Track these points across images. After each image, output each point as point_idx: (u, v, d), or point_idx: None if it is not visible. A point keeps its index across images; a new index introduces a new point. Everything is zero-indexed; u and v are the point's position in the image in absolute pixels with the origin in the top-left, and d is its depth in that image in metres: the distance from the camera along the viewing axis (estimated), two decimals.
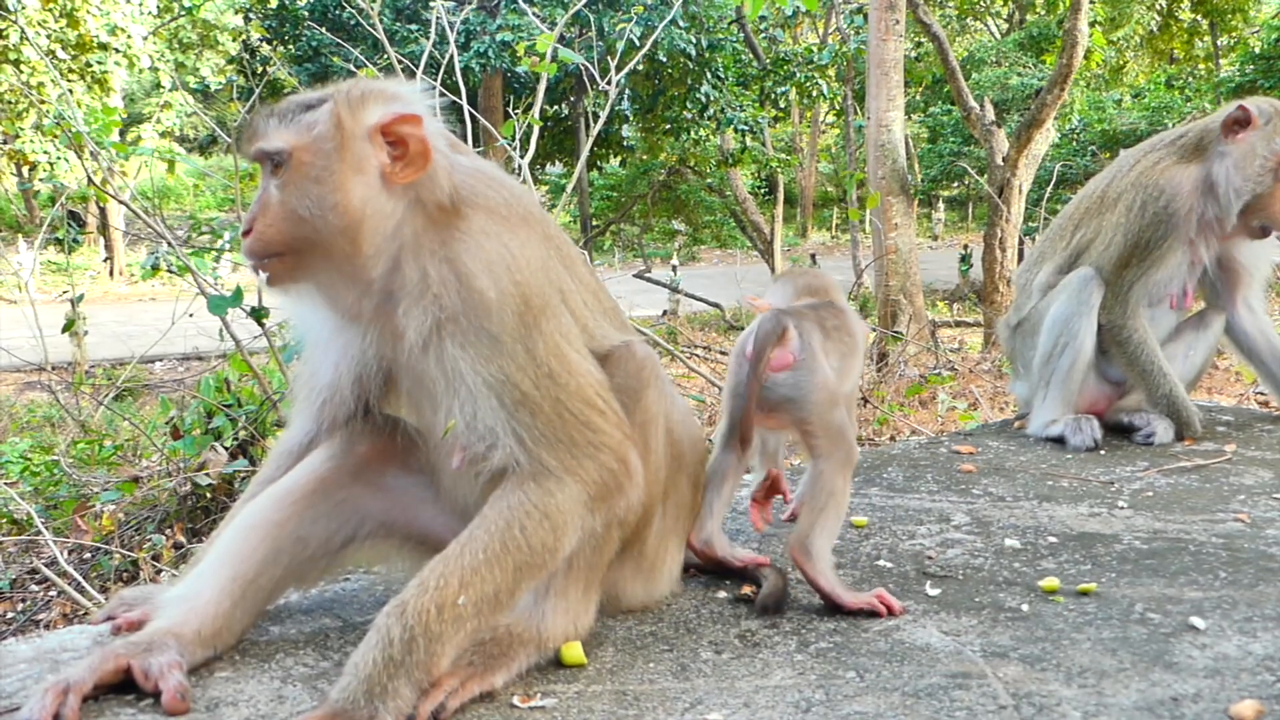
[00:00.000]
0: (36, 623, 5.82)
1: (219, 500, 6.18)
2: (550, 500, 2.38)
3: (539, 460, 2.39)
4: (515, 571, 2.33)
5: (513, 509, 2.36)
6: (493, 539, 2.33)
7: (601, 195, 31.05)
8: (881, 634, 2.70)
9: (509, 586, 2.33)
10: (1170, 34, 35.68)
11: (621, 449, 2.49)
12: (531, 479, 2.39)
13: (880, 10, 15.86)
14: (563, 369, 2.44)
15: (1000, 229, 16.85)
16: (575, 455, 2.41)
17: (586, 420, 2.44)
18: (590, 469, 2.43)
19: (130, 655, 2.31)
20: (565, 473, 2.40)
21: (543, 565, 2.39)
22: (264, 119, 2.43)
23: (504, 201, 2.51)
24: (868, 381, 10.60)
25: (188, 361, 17.99)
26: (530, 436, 2.38)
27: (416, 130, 2.39)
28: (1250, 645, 2.61)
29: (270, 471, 2.77)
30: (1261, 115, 4.75)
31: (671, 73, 24.20)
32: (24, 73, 26.36)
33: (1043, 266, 5.20)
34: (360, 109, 2.41)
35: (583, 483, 2.42)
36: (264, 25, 25.36)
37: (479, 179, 2.53)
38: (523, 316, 2.39)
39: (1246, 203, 4.75)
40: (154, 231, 7.27)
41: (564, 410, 2.41)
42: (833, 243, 46.92)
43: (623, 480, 2.50)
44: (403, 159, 2.40)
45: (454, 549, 2.32)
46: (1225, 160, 4.77)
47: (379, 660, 2.18)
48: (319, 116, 2.40)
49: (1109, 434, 4.80)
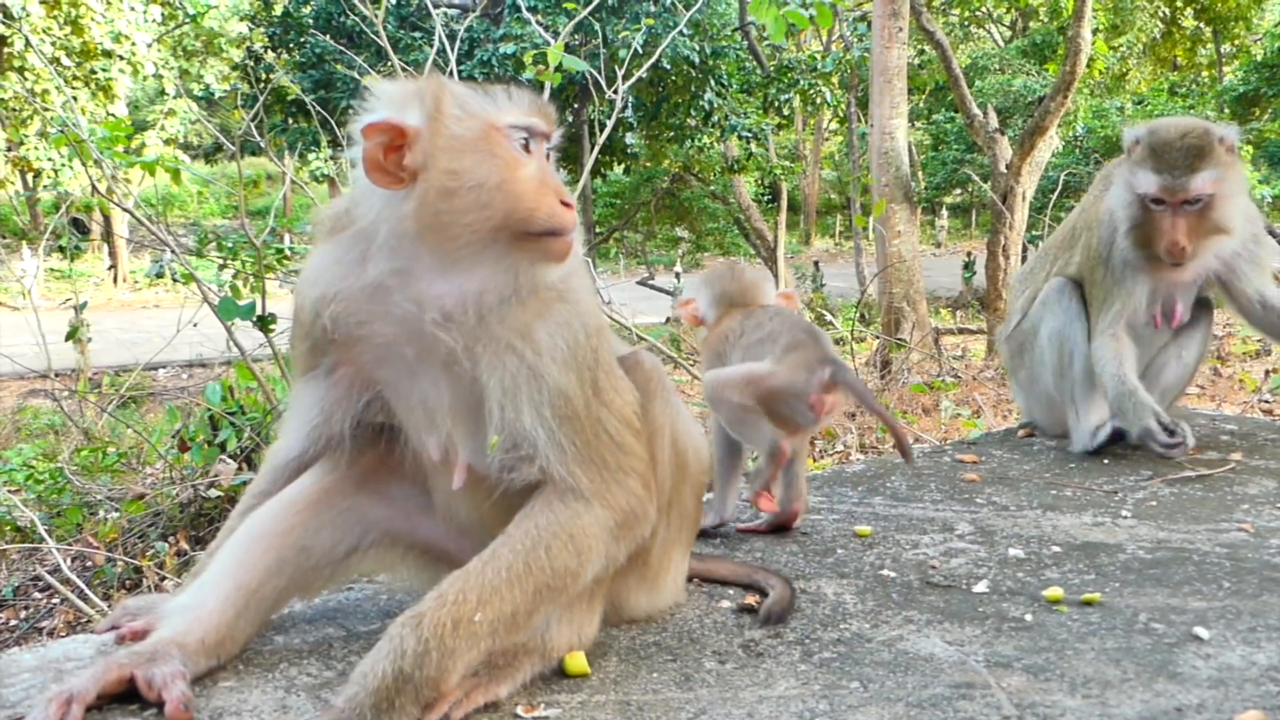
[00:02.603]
0: (40, 630, 5.83)
1: (223, 508, 6.18)
2: (577, 523, 2.37)
3: (573, 477, 2.38)
4: (535, 594, 2.32)
5: (540, 529, 2.35)
6: (516, 558, 2.31)
7: (605, 202, 31.12)
8: (885, 644, 2.69)
9: (527, 608, 2.32)
10: (1173, 41, 35.69)
11: (648, 475, 2.51)
12: (560, 499, 2.38)
13: (884, 17, 15.89)
14: (611, 387, 2.46)
15: (1004, 236, 16.87)
16: (605, 480, 2.41)
17: (622, 443, 2.45)
18: (619, 495, 2.43)
19: (134, 665, 2.30)
20: (594, 496, 2.40)
21: (563, 589, 2.38)
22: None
23: None
24: (871, 389, 10.60)
25: (191, 369, 18.01)
26: (571, 453, 2.38)
27: None
28: (1254, 655, 2.60)
29: (264, 484, 2.75)
30: (1129, 140, 4.60)
31: (675, 80, 24.25)
32: (28, 80, 26.44)
33: (1028, 287, 5.16)
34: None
35: (610, 509, 2.42)
36: (268, 33, 25.43)
37: None
38: (589, 329, 2.42)
39: (1133, 234, 4.55)
40: (158, 239, 7.29)
41: (602, 430, 2.42)
42: (836, 249, 46.95)
43: (648, 507, 2.51)
44: None
45: (476, 564, 2.31)
46: (1112, 190, 4.69)
47: (389, 672, 2.16)
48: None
49: (1112, 442, 4.78)
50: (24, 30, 22.13)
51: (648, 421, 2.61)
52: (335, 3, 22.64)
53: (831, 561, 3.33)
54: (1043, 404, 5.05)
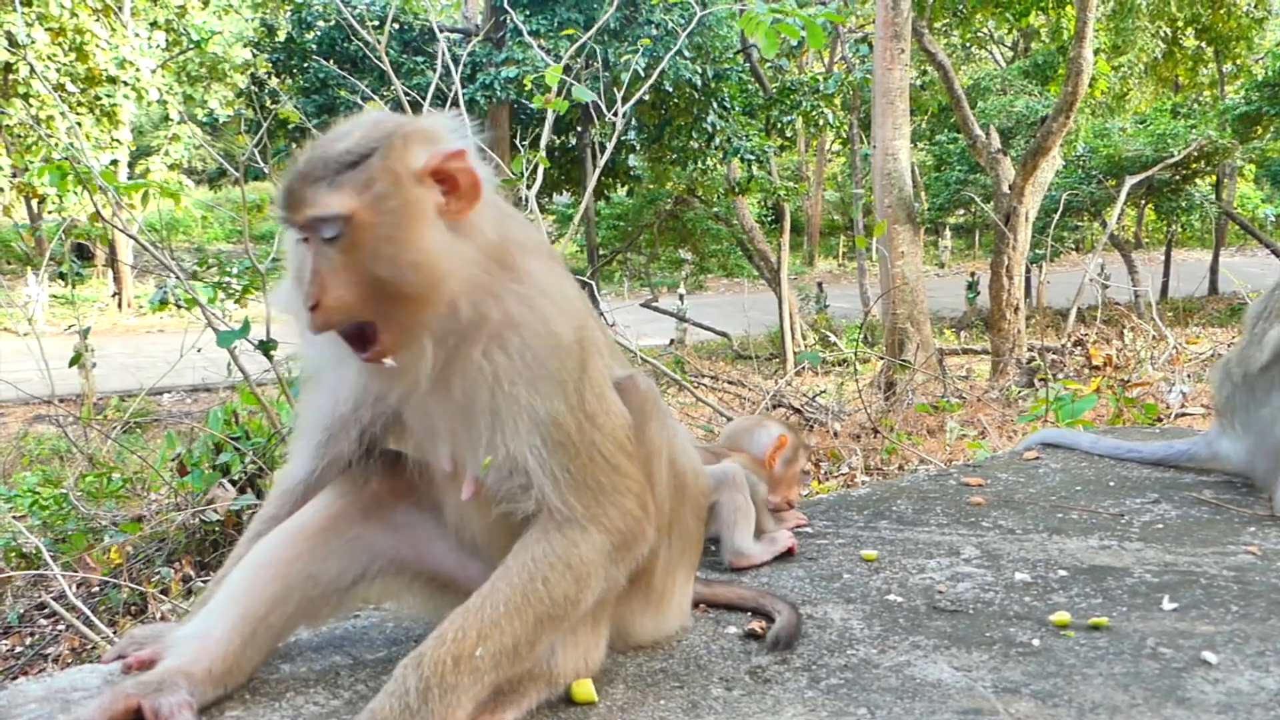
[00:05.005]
0: (45, 657, 5.82)
1: (227, 534, 6.18)
2: (574, 551, 2.37)
3: (567, 506, 2.38)
4: (536, 624, 2.33)
5: (536, 561, 2.35)
6: (514, 591, 2.32)
7: (608, 225, 31.11)
8: (893, 670, 2.69)
9: (529, 639, 2.33)
10: (1174, 61, 35.71)
11: (644, 494, 2.50)
12: (556, 529, 2.38)
13: (885, 39, 15.96)
14: (602, 410, 2.45)
15: (1007, 257, 16.88)
16: (600, 502, 2.41)
17: (616, 464, 2.45)
18: (615, 517, 2.43)
19: (141, 695, 2.30)
20: (590, 521, 2.40)
21: (564, 618, 2.39)
22: (305, 184, 2.28)
23: (533, 238, 2.53)
24: (875, 410, 10.60)
25: (196, 393, 18.04)
26: (564, 479, 2.38)
27: (465, 164, 2.33)
28: (1263, 680, 2.59)
29: (272, 509, 2.76)
30: None
31: (678, 102, 24.29)
32: (33, 106, 26.52)
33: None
34: (406, 153, 2.31)
35: (607, 532, 2.42)
36: (271, 58, 25.46)
37: (502, 214, 2.51)
38: (581, 358, 2.41)
39: None
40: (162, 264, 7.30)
41: (596, 454, 2.42)
42: (840, 271, 47.00)
43: (645, 526, 2.50)
44: (454, 195, 2.33)
45: (475, 600, 2.32)
46: None
47: (395, 708, 2.19)
48: (373, 173, 2.27)
49: (1118, 465, 4.77)
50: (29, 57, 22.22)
51: (644, 443, 2.60)
52: (339, 28, 22.69)
53: (838, 586, 3.33)
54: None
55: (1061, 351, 13.23)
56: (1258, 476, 4.42)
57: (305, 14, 24.28)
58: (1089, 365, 12.17)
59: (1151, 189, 29.20)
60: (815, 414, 10.63)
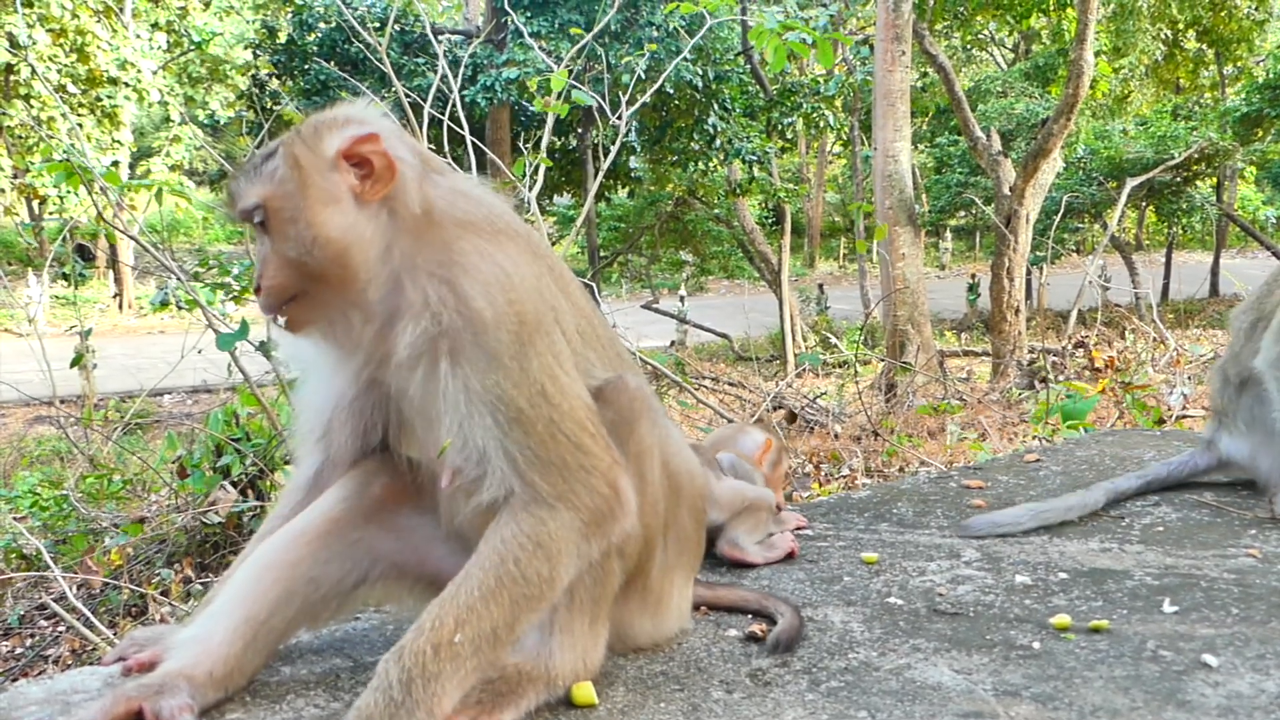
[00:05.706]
0: (45, 658, 5.82)
1: (228, 536, 6.18)
2: (543, 529, 2.37)
3: (531, 486, 2.38)
4: (512, 605, 2.33)
5: (505, 542, 2.35)
6: (487, 575, 2.33)
7: (609, 226, 31.13)
8: (893, 672, 2.69)
9: (507, 621, 2.33)
10: (1175, 63, 35.73)
11: (611, 473, 2.47)
12: (524, 509, 2.38)
13: (886, 41, 15.97)
14: (555, 389, 2.43)
15: (1007, 259, 16.89)
16: (567, 479, 2.40)
17: (578, 442, 2.43)
18: (582, 494, 2.41)
19: (142, 698, 2.31)
20: (557, 499, 2.39)
21: (540, 597, 2.38)
22: (235, 182, 2.52)
23: (485, 217, 2.52)
24: (876, 412, 10.60)
25: (197, 394, 18.05)
26: (523, 458, 2.37)
27: (376, 147, 2.44)
28: (1263, 683, 2.59)
29: (283, 509, 2.77)
30: None
31: (679, 104, 24.31)
32: (34, 107, 26.55)
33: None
34: (317, 141, 2.46)
35: (575, 509, 2.40)
36: (272, 60, 25.49)
37: (457, 196, 2.54)
38: (518, 334, 2.39)
39: None
40: (163, 265, 7.30)
41: (556, 431, 2.40)
42: (840, 272, 47.03)
43: (614, 506, 2.48)
44: (370, 177, 2.44)
45: (450, 589, 2.33)
46: None
47: (380, 702, 2.20)
48: (279, 161, 2.45)
49: (1118, 466, 4.76)
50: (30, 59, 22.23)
51: (635, 442, 2.59)
52: (340, 30, 22.72)
53: (838, 589, 3.33)
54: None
55: (1062, 353, 13.24)
56: (1261, 475, 4.36)
57: (306, 15, 24.31)
58: (1090, 367, 12.18)
59: (1152, 191, 29.24)
60: (816, 416, 10.64)
